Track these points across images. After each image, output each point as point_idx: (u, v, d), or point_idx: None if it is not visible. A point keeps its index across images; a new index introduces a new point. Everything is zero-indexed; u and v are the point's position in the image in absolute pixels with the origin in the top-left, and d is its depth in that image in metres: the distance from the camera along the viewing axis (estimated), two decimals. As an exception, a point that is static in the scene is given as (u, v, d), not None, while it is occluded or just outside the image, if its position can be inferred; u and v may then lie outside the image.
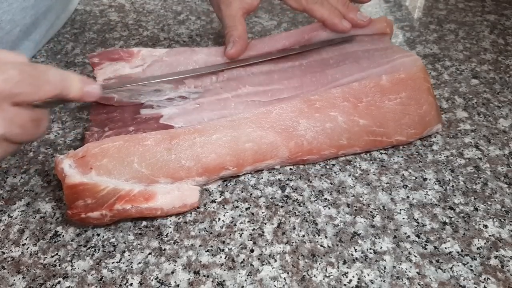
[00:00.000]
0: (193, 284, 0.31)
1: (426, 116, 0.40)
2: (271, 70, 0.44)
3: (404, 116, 0.39)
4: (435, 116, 0.41)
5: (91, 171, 0.33)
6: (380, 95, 0.39)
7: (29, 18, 0.51)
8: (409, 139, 0.40)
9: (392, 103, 0.39)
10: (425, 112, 0.40)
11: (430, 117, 0.40)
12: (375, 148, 0.41)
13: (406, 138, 0.40)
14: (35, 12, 0.52)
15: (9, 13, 0.48)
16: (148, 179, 0.35)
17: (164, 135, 0.36)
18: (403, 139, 0.40)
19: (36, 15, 0.52)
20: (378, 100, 0.39)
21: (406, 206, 0.36)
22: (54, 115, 0.46)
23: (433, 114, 0.40)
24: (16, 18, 0.49)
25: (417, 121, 0.40)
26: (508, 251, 0.33)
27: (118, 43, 0.58)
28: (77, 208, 0.33)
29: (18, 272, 0.32)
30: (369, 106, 0.39)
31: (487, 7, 0.65)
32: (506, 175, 0.39)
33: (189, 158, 0.35)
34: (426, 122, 0.40)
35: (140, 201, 0.34)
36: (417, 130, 0.40)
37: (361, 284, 0.31)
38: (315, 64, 0.44)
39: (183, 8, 0.66)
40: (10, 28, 0.49)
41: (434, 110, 0.40)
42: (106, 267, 0.32)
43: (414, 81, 0.40)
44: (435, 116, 0.41)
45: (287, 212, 0.36)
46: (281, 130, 0.37)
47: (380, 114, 0.39)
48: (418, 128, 0.40)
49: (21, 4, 0.49)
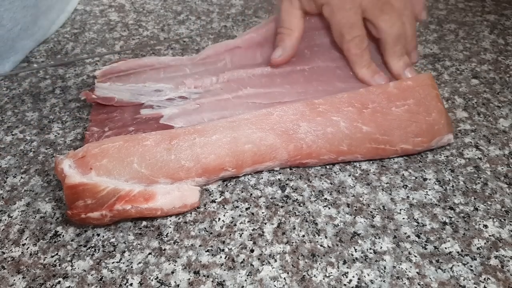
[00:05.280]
0: (193, 284, 0.31)
1: (435, 124, 0.38)
2: (273, 73, 0.43)
3: (411, 124, 0.38)
4: (445, 125, 0.39)
5: (91, 172, 0.33)
6: (387, 102, 0.38)
7: (29, 16, 0.51)
8: (416, 147, 0.39)
9: (399, 110, 0.38)
10: (434, 120, 0.38)
11: (440, 126, 0.39)
12: (379, 156, 0.39)
13: (413, 147, 0.39)
14: (36, 10, 0.52)
15: (10, 11, 0.48)
16: (148, 180, 0.35)
17: (164, 136, 0.36)
18: (409, 147, 0.39)
19: (36, 13, 0.52)
20: (385, 107, 0.38)
21: (406, 206, 0.36)
22: (54, 115, 0.46)
23: (443, 123, 0.39)
24: (17, 16, 0.49)
25: (424, 129, 0.38)
26: (508, 251, 0.33)
27: (118, 43, 0.58)
28: (77, 208, 0.33)
29: (18, 272, 0.32)
30: (375, 112, 0.38)
31: (487, 7, 0.65)
32: (506, 175, 0.39)
33: (188, 159, 0.35)
34: (435, 130, 0.39)
35: (140, 201, 0.34)
36: (425, 138, 0.39)
37: (361, 284, 0.31)
38: (320, 72, 0.43)
39: (183, 8, 0.66)
40: (11, 26, 0.49)
41: (444, 118, 0.39)
42: (106, 267, 0.32)
43: (422, 87, 0.39)
44: (445, 125, 0.39)
45: (287, 212, 0.36)
46: (281, 133, 0.37)
47: (385, 121, 0.38)
48: (426, 136, 0.39)
49: (23, 3, 0.49)
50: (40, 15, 0.53)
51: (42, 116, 0.46)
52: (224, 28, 0.61)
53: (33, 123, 0.45)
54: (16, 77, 0.52)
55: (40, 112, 0.47)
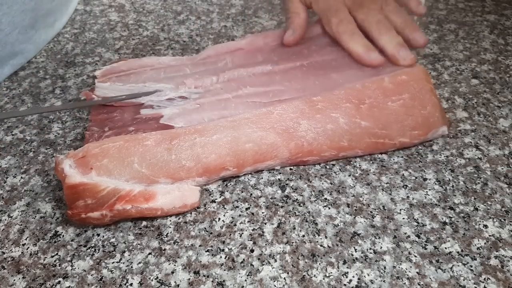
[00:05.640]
0: (193, 284, 0.31)
1: (430, 117, 0.39)
2: (272, 71, 0.44)
3: (407, 118, 0.39)
4: (439, 118, 0.40)
5: (92, 171, 0.33)
6: (383, 97, 0.39)
7: (28, 20, 0.51)
8: (413, 140, 0.40)
9: (395, 105, 0.39)
10: (429, 113, 0.39)
11: (434, 119, 0.40)
12: (378, 150, 0.40)
13: (410, 140, 0.40)
14: (35, 14, 0.52)
15: (8, 15, 0.48)
16: (148, 179, 0.35)
17: (164, 135, 0.36)
18: (406, 140, 0.40)
19: (35, 17, 0.52)
20: (381, 102, 0.39)
21: (406, 206, 0.36)
22: (54, 115, 0.46)
23: (438, 116, 0.40)
24: (15, 20, 0.49)
25: (420, 122, 0.39)
26: (508, 251, 0.33)
27: (118, 43, 0.58)
28: (77, 208, 0.33)
29: (18, 272, 0.32)
30: (372, 107, 0.38)
31: (487, 7, 0.65)
32: (506, 175, 0.39)
33: (189, 159, 0.35)
34: (431, 123, 0.40)
35: (140, 201, 0.34)
36: (421, 131, 0.40)
37: (361, 284, 0.31)
38: (317, 66, 0.44)
39: (183, 8, 0.66)
40: (9, 30, 0.49)
41: (438, 111, 0.40)
42: (106, 267, 0.32)
43: (416, 82, 0.40)
44: (439, 118, 0.40)
45: (287, 212, 0.36)
46: (281, 131, 0.37)
47: (382, 116, 0.39)
48: (422, 129, 0.40)
49: (21, 7, 0.49)
50: (39, 18, 0.53)
51: (42, 116, 0.46)
52: (224, 28, 0.61)
53: (33, 123, 0.45)
54: (16, 77, 0.52)
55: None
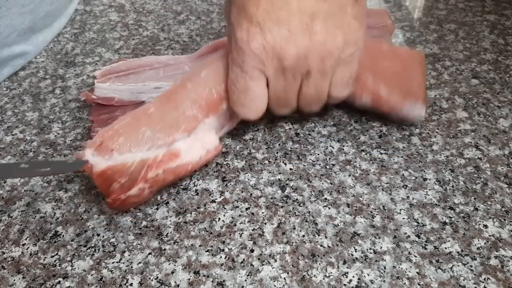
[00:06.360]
0: (193, 284, 0.31)
1: (413, 88, 0.41)
2: None
3: (393, 76, 0.41)
4: (420, 95, 0.41)
5: (113, 153, 0.34)
6: (379, 55, 0.41)
7: (27, 23, 0.51)
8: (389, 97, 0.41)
9: (386, 64, 0.41)
10: (413, 86, 0.41)
11: (416, 92, 0.41)
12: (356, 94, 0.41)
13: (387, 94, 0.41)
14: (34, 17, 0.52)
15: (7, 18, 0.48)
16: (165, 141, 0.35)
17: (161, 98, 0.38)
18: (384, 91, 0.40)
19: (34, 20, 0.52)
20: (376, 55, 0.41)
21: (406, 206, 0.36)
22: (54, 115, 0.46)
23: (420, 93, 0.41)
24: (14, 23, 0.49)
25: (403, 86, 0.41)
26: (508, 251, 0.33)
27: (118, 43, 0.58)
28: (115, 192, 0.33)
29: (18, 272, 0.32)
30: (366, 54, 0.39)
31: (487, 7, 0.65)
32: (506, 175, 0.39)
33: (190, 107, 0.37)
34: (411, 92, 0.41)
35: (168, 162, 0.35)
36: (400, 94, 0.41)
37: (361, 284, 0.31)
38: None
39: (183, 8, 0.66)
40: (8, 32, 0.49)
41: (422, 92, 0.41)
42: (106, 267, 0.32)
43: (412, 59, 0.42)
44: (420, 95, 0.41)
45: (287, 212, 0.36)
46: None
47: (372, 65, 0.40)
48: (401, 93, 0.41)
49: (20, 10, 0.49)
50: (38, 21, 0.53)
51: (42, 116, 0.46)
52: (224, 28, 0.61)
53: (33, 123, 0.45)
54: (16, 77, 0.52)
55: (40, 112, 0.47)
